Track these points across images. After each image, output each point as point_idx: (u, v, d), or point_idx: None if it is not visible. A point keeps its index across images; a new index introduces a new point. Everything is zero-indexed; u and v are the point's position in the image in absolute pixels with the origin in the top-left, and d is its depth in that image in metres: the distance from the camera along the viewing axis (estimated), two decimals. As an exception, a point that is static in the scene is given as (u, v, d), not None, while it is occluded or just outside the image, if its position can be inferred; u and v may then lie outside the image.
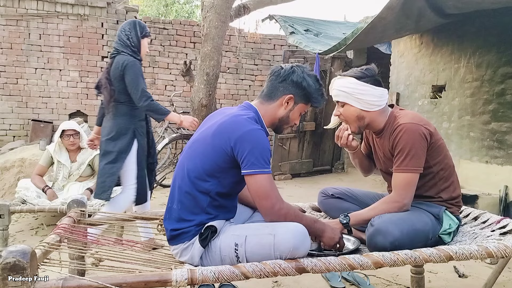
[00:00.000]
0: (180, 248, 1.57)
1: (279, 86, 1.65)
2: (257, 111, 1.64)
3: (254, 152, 1.46)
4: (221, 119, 1.57)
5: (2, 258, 1.12)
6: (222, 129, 1.52)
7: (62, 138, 3.44)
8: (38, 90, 6.48)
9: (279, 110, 1.66)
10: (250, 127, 1.50)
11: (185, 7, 14.66)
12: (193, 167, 1.55)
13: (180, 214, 1.56)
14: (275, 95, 1.65)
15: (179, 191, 1.58)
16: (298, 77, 1.64)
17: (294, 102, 1.65)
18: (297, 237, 1.42)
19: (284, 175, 6.43)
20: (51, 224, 3.52)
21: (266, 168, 1.48)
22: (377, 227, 1.64)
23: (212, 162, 1.52)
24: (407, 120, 1.77)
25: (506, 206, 3.62)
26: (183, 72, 5.31)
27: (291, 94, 1.64)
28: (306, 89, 1.65)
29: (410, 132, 1.73)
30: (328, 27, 6.75)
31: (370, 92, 1.79)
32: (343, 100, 1.83)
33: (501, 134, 3.78)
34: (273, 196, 1.49)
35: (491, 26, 3.89)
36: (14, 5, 6.24)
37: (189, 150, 1.62)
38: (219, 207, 1.58)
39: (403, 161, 1.74)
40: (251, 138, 1.48)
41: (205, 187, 1.53)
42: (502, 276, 2.31)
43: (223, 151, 1.50)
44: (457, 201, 1.88)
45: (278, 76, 1.66)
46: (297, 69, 1.66)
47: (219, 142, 1.51)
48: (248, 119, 1.54)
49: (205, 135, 1.58)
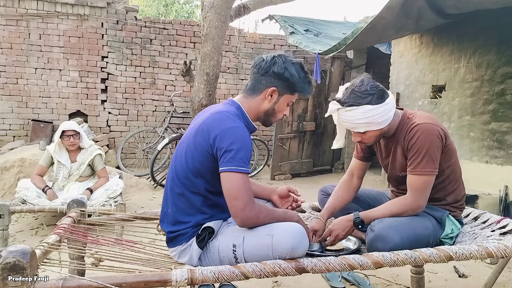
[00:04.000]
0: (178, 250, 1.57)
1: (261, 79, 1.59)
2: (240, 106, 1.60)
3: (232, 150, 1.42)
4: (204, 117, 1.56)
5: (2, 258, 1.12)
6: (203, 127, 1.51)
7: (62, 139, 3.44)
8: (38, 90, 6.48)
9: (263, 104, 1.61)
10: (230, 124, 1.47)
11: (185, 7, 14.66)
12: (180, 167, 1.55)
13: (175, 217, 1.56)
14: (258, 88, 1.60)
15: (171, 193, 1.58)
16: (279, 68, 1.57)
17: (278, 94, 1.60)
18: (295, 237, 1.41)
19: (284, 175, 6.42)
20: (51, 224, 3.52)
21: (242, 167, 1.42)
22: (377, 233, 1.63)
23: (196, 161, 1.51)
24: (423, 120, 1.73)
25: (506, 206, 3.61)
26: (183, 72, 5.30)
27: (274, 87, 1.58)
28: (289, 80, 1.58)
29: (427, 132, 1.69)
30: (328, 27, 6.75)
31: (387, 108, 1.72)
32: (365, 129, 1.74)
33: (501, 134, 3.78)
34: (245, 196, 1.42)
35: (491, 26, 3.89)
36: (14, 5, 6.24)
37: (177, 150, 1.62)
38: (214, 206, 1.57)
39: (419, 163, 1.70)
40: (230, 135, 1.44)
41: (195, 187, 1.53)
42: (502, 276, 2.31)
43: (205, 149, 1.48)
44: (461, 204, 1.88)
45: (260, 68, 1.59)
46: (278, 60, 1.58)
47: (200, 141, 1.49)
48: (230, 116, 1.50)
49: (189, 134, 1.57)
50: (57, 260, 1.41)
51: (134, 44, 6.84)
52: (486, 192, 3.72)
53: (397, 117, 1.81)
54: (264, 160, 6.84)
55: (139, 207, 4.22)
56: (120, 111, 6.91)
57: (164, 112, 6.95)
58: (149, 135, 6.80)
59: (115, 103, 6.85)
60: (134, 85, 6.92)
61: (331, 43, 5.50)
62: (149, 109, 7.05)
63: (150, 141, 6.71)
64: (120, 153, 6.50)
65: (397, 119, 1.81)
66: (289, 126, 6.40)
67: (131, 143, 6.79)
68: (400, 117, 1.82)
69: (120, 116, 6.92)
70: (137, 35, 6.85)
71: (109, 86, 6.79)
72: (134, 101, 6.95)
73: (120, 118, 6.92)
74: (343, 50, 5.31)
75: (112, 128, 6.89)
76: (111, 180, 3.57)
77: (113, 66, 6.77)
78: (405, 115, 1.82)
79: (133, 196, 4.77)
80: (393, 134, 1.83)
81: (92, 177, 3.62)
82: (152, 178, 5.26)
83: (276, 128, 6.29)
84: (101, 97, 6.78)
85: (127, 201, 4.23)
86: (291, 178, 6.46)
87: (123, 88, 6.86)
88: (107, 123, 6.85)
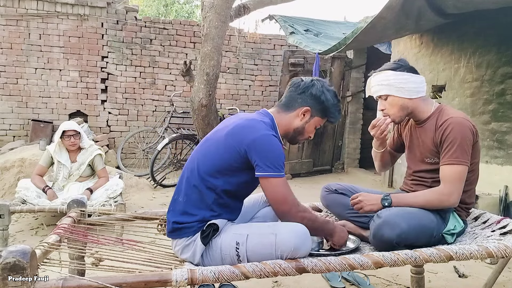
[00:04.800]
0: (182, 244, 1.58)
1: (298, 97, 1.69)
2: (273, 118, 1.68)
3: (269, 156, 1.50)
4: (237, 121, 1.61)
5: (2, 258, 1.12)
6: (237, 130, 1.55)
7: (63, 139, 3.44)
8: (38, 90, 6.48)
9: (295, 121, 1.69)
10: (265, 132, 1.54)
11: (185, 7, 14.66)
12: (204, 162, 1.58)
13: (185, 207, 1.58)
14: (292, 105, 1.69)
15: (186, 184, 1.61)
16: (317, 91, 1.67)
17: (310, 115, 1.69)
18: (299, 237, 1.43)
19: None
20: (51, 224, 3.52)
21: (280, 172, 1.51)
22: (385, 219, 1.66)
23: (223, 160, 1.55)
24: (457, 114, 1.80)
25: (506, 206, 3.61)
26: (183, 72, 5.30)
27: (308, 107, 1.67)
28: (324, 103, 1.68)
29: (461, 126, 1.75)
30: (328, 27, 6.75)
31: (410, 80, 1.83)
32: (386, 93, 1.85)
33: (501, 134, 3.78)
34: (290, 200, 1.52)
35: (491, 26, 3.89)
36: (14, 5, 6.24)
37: (202, 147, 1.66)
38: (224, 206, 1.59)
39: (453, 153, 1.73)
40: (266, 142, 1.51)
41: (212, 183, 1.55)
42: (502, 276, 2.31)
43: (236, 151, 1.52)
44: (468, 207, 1.89)
45: (298, 87, 1.69)
46: (317, 83, 1.69)
47: (232, 143, 1.54)
48: (263, 124, 1.58)
49: (220, 134, 1.61)
50: (57, 260, 1.41)
51: (134, 44, 6.84)
52: (486, 192, 3.71)
53: (431, 105, 1.89)
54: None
55: (139, 207, 4.22)
56: (120, 111, 6.91)
57: (164, 112, 6.95)
58: (149, 135, 6.80)
59: (115, 103, 6.85)
60: (134, 85, 6.92)
61: (331, 43, 5.50)
62: (149, 109, 7.05)
63: (150, 141, 6.71)
64: (120, 153, 6.50)
65: (430, 107, 1.88)
66: (289, 126, 6.39)
67: (131, 143, 6.79)
68: (434, 107, 1.89)
69: (120, 116, 6.92)
70: (137, 35, 6.85)
71: (109, 86, 6.79)
72: (134, 101, 6.95)
73: (120, 118, 6.92)
74: (343, 50, 5.32)
75: (112, 128, 6.89)
76: (111, 180, 3.58)
77: (113, 66, 6.77)
78: (439, 106, 1.90)
79: (133, 196, 4.78)
80: (424, 120, 1.89)
81: (92, 177, 3.62)
82: (152, 178, 5.26)
83: (276, 128, 6.28)
84: (101, 97, 6.78)
85: (127, 201, 4.23)
86: (291, 178, 6.46)
87: (123, 88, 6.86)
88: (107, 123, 6.85)
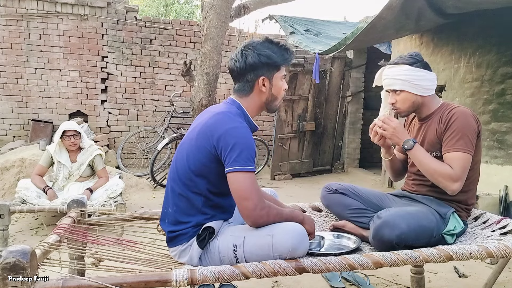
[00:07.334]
0: (178, 249, 1.57)
1: (246, 76, 1.58)
2: (241, 105, 1.60)
3: (236, 149, 1.42)
4: (206, 118, 1.56)
5: (2, 258, 1.12)
6: (205, 128, 1.51)
7: (63, 139, 3.44)
8: (38, 90, 6.48)
9: (260, 96, 1.61)
10: (233, 124, 1.47)
11: (185, 7, 14.65)
12: (182, 168, 1.55)
13: (176, 217, 1.56)
14: (248, 86, 1.60)
15: (172, 193, 1.58)
16: (253, 57, 1.56)
17: (268, 79, 1.59)
18: (296, 238, 1.41)
19: (284, 175, 6.42)
20: (51, 224, 3.52)
21: (248, 166, 1.42)
22: (385, 219, 1.66)
23: (198, 161, 1.51)
24: (461, 106, 1.82)
25: (506, 206, 3.61)
26: (183, 72, 5.30)
27: (260, 75, 1.57)
28: (268, 60, 1.57)
29: (465, 115, 1.76)
30: (328, 27, 6.75)
31: (426, 77, 1.82)
32: (400, 88, 1.83)
33: (501, 134, 3.78)
34: (255, 196, 1.42)
35: (491, 26, 3.89)
36: (14, 5, 6.24)
37: (178, 152, 1.62)
38: (215, 207, 1.56)
39: (458, 141, 1.73)
40: (234, 135, 1.44)
41: (196, 187, 1.52)
42: (502, 276, 2.31)
43: (207, 150, 1.48)
44: (468, 208, 1.89)
45: (238, 69, 1.58)
46: (246, 51, 1.58)
47: (203, 142, 1.49)
48: (231, 116, 1.51)
49: (191, 135, 1.57)
50: (57, 260, 1.40)
51: (134, 44, 6.84)
52: (486, 192, 3.71)
53: (436, 103, 1.90)
54: (264, 160, 6.84)
55: (139, 207, 4.22)
56: (120, 111, 6.91)
57: (164, 112, 6.95)
58: (149, 135, 6.80)
59: (115, 103, 6.85)
60: (134, 85, 6.92)
61: (331, 43, 5.49)
62: (149, 109, 7.05)
63: (150, 141, 6.71)
64: (120, 153, 6.50)
65: (436, 104, 1.89)
66: (289, 126, 6.40)
67: (131, 143, 6.79)
68: (439, 104, 1.90)
69: (120, 116, 6.92)
70: (137, 35, 6.85)
71: (109, 86, 6.79)
72: (134, 101, 6.95)
73: (120, 118, 6.92)
74: (343, 50, 5.31)
75: (112, 128, 6.89)
76: (111, 180, 3.58)
77: (113, 66, 6.77)
78: (444, 103, 1.91)
79: (133, 196, 4.78)
80: (428, 116, 1.90)
81: (92, 177, 3.62)
82: (152, 178, 5.26)
83: (276, 128, 6.29)
84: (101, 97, 6.77)
85: (127, 201, 4.23)
86: (291, 178, 6.46)
87: (123, 88, 6.86)
88: (107, 123, 6.85)
